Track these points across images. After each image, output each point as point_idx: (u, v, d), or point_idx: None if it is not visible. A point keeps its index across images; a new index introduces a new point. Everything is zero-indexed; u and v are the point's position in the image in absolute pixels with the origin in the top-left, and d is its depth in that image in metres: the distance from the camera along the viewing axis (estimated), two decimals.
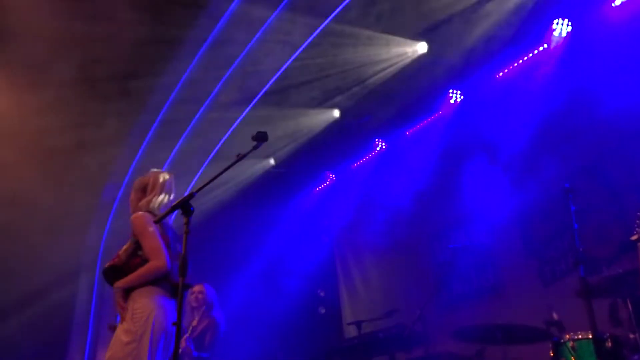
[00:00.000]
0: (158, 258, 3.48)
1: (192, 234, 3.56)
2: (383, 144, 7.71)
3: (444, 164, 6.76)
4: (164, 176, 3.85)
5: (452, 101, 6.77)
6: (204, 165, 7.29)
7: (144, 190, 3.82)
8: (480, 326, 4.90)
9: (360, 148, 7.84)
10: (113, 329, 3.71)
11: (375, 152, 7.85)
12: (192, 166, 7.36)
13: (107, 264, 3.63)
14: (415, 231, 7.08)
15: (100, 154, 6.94)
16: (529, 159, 5.79)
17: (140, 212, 3.67)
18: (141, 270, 3.49)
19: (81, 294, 7.58)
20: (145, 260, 3.52)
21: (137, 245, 3.59)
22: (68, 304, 7.48)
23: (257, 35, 5.86)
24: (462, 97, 6.74)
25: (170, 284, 3.54)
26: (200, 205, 3.52)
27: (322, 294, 8.21)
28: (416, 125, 7.35)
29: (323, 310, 8.05)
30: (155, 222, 3.38)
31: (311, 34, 5.79)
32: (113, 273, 3.56)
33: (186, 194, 3.20)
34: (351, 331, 7.19)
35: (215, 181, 3.40)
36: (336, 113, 7.17)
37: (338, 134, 7.44)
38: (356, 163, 8.15)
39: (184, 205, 3.11)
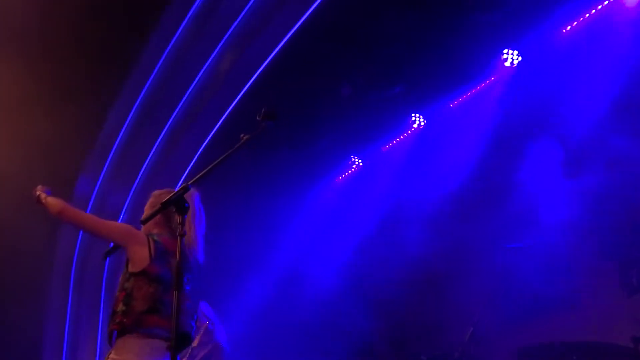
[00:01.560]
0: None
1: None
2: (421, 119, 7.64)
3: (497, 144, 6.70)
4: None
5: (507, 64, 6.68)
6: (201, 148, 7.30)
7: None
8: (549, 345, 4.89)
9: (393, 126, 7.78)
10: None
11: (411, 131, 7.77)
12: (186, 150, 7.37)
13: None
14: (462, 229, 7.01)
15: (71, 139, 6.99)
16: (605, 137, 5.69)
17: None
18: None
19: (54, 304, 7.67)
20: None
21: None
22: (38, 317, 7.56)
23: None
24: (519, 58, 6.64)
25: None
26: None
27: (348, 306, 8.19)
28: (462, 96, 7.26)
29: (348, 326, 8.02)
30: (142, 222, 3.38)
31: None
32: None
33: (178, 186, 3.17)
34: (388, 354, 7.19)
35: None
36: (360, 83, 7.09)
37: (365, 109, 7.38)
38: (387, 145, 8.08)
39: (178, 202, 3.08)
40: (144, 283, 3.50)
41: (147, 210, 3.90)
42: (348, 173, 8.60)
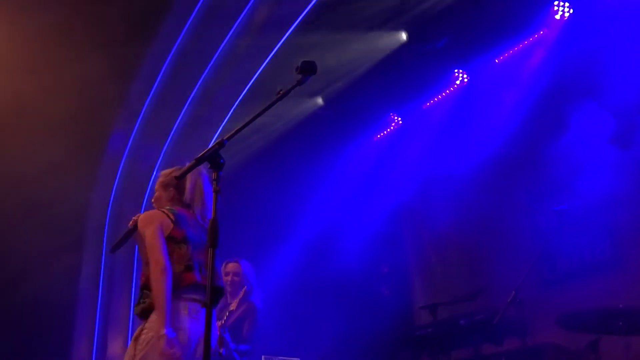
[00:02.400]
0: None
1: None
2: (464, 76, 7.51)
3: (545, 101, 6.56)
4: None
5: (557, 16, 6.51)
6: (235, 104, 7.29)
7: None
8: (594, 311, 4.85)
9: (434, 82, 7.66)
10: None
11: (453, 88, 7.65)
12: (220, 106, 7.37)
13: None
14: (508, 189, 6.92)
15: (104, 93, 7.04)
16: None
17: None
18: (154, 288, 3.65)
19: (87, 265, 7.82)
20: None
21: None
22: (71, 277, 7.72)
23: None
24: (570, 10, 6.45)
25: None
26: (230, 158, 3.51)
27: (385, 270, 8.21)
28: (508, 51, 7.10)
29: (387, 292, 8.05)
30: (177, 178, 3.42)
31: None
32: None
33: (213, 142, 3.17)
34: (423, 317, 7.20)
35: (250, 126, 3.37)
36: (403, 36, 7.00)
37: (405, 65, 7.27)
38: (428, 102, 7.98)
39: (213, 157, 3.09)
40: (174, 247, 3.73)
41: (158, 191, 4.10)
42: (387, 131, 8.53)
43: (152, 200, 4.13)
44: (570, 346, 5.47)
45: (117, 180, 8.20)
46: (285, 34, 6.62)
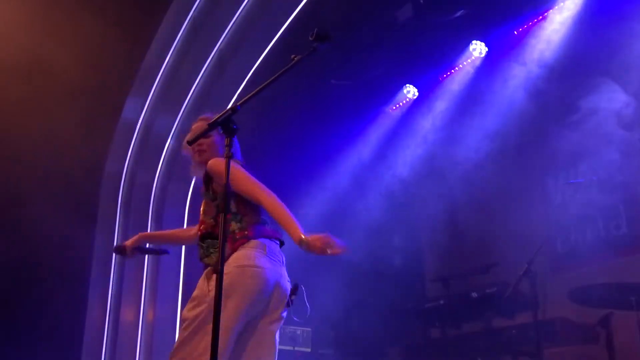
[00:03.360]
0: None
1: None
2: (483, 47, 7.46)
3: (565, 70, 6.53)
4: None
5: None
6: (252, 70, 7.27)
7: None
8: (607, 286, 4.88)
9: (451, 53, 7.62)
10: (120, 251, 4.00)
11: (472, 59, 7.61)
12: (234, 74, 7.37)
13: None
14: (523, 160, 6.91)
15: (118, 61, 7.06)
16: None
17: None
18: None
19: (100, 234, 7.89)
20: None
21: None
22: (84, 246, 7.80)
23: None
24: None
25: None
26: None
27: (397, 240, 8.23)
28: (528, 23, 7.05)
29: (398, 262, 8.08)
30: (189, 142, 3.41)
31: None
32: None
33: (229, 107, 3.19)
34: (435, 290, 7.25)
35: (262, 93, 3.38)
36: (418, 5, 6.94)
37: (420, 34, 7.21)
38: (446, 73, 7.94)
39: (226, 122, 3.11)
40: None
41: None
42: (403, 102, 8.51)
43: (200, 154, 3.80)
44: (582, 320, 5.50)
45: (131, 149, 8.22)
46: (299, 5, 6.58)
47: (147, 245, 4.18)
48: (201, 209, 3.77)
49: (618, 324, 5.17)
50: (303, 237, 3.30)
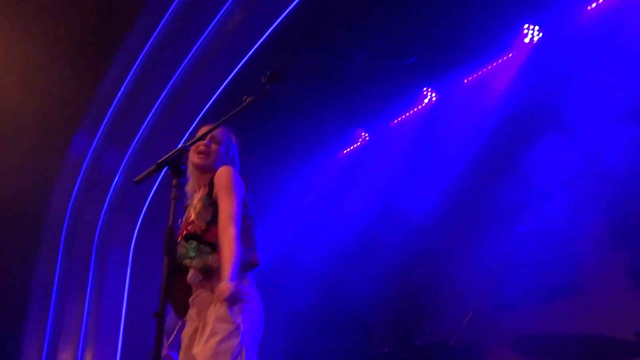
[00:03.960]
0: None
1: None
2: (433, 94, 7.60)
3: (512, 122, 6.66)
4: None
5: (526, 40, 6.63)
6: (204, 109, 7.26)
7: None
8: (548, 336, 4.91)
9: (403, 99, 7.73)
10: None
11: (422, 105, 7.73)
12: (186, 114, 7.36)
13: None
14: (470, 209, 7.01)
15: (67, 91, 6.99)
16: (626, 119, 5.67)
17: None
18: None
19: (40, 272, 7.70)
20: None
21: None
22: (23, 284, 7.60)
23: None
24: (540, 34, 6.59)
25: None
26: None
27: (347, 286, 8.21)
28: (478, 71, 7.21)
29: (345, 306, 8.05)
30: (136, 182, 3.34)
31: None
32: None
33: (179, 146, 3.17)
34: (380, 337, 7.23)
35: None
36: (372, 51, 7.02)
37: (374, 80, 7.32)
38: (396, 119, 8.04)
39: (174, 162, 3.08)
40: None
41: (218, 146, 3.78)
42: (353, 147, 8.57)
43: (207, 156, 3.69)
44: None
45: (77, 184, 8.09)
46: (254, 45, 6.63)
47: None
48: (192, 209, 3.63)
49: None
50: (224, 283, 3.24)
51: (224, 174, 3.55)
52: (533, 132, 6.40)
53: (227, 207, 3.46)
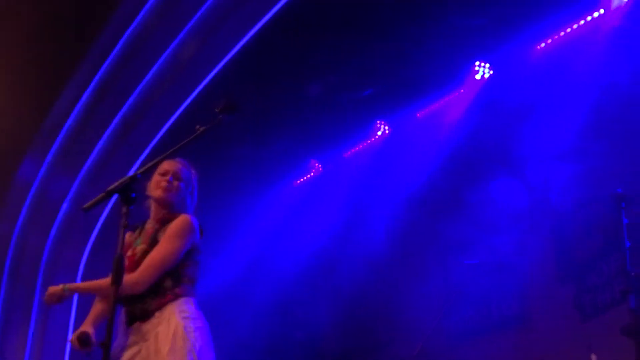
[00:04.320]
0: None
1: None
2: (386, 127, 7.69)
3: (462, 156, 6.79)
4: None
5: (477, 77, 6.77)
6: (156, 139, 7.22)
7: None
8: None
9: (356, 132, 7.82)
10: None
11: (375, 138, 7.82)
12: (138, 142, 7.29)
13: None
14: (421, 241, 7.09)
15: (16, 116, 6.88)
16: (569, 156, 5.82)
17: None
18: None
19: None
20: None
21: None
22: None
23: None
24: (490, 72, 6.74)
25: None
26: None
27: (300, 315, 8.18)
28: (431, 105, 7.33)
29: (299, 335, 8.01)
30: (84, 209, 3.29)
31: None
32: None
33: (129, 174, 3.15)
34: None
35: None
36: (327, 85, 7.08)
37: (328, 112, 7.40)
38: (350, 151, 8.12)
39: (124, 190, 3.05)
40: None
41: (179, 183, 3.79)
42: (307, 177, 8.60)
43: (169, 191, 3.71)
44: None
45: (23, 211, 7.93)
46: (208, 75, 6.64)
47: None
48: (143, 238, 3.67)
49: None
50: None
51: (178, 224, 3.62)
52: (482, 167, 6.52)
53: (158, 253, 3.55)
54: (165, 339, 3.37)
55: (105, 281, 3.76)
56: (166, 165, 3.68)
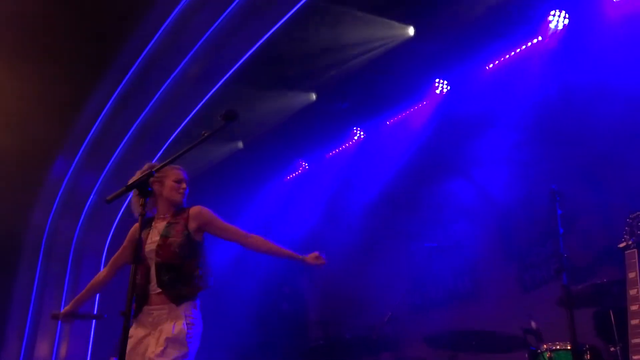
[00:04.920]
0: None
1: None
2: (362, 133, 7.68)
3: (425, 157, 6.77)
4: None
5: (437, 91, 6.77)
6: (168, 141, 7.18)
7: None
8: (453, 332, 4.94)
9: (337, 136, 7.80)
10: (55, 317, 3.71)
11: (352, 142, 7.81)
12: (155, 142, 7.24)
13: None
14: (390, 228, 7.08)
15: (50, 123, 6.80)
16: (515, 159, 5.83)
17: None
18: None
19: (22, 277, 7.40)
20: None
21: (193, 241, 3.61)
22: (6, 287, 7.30)
23: (229, 9, 5.81)
24: (448, 87, 6.74)
25: None
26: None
27: (287, 290, 8.16)
28: (398, 115, 7.33)
29: (287, 307, 8.00)
30: (108, 200, 3.25)
31: (289, 10, 5.73)
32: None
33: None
34: (316, 332, 7.20)
35: (177, 162, 3.35)
36: (313, 97, 7.12)
37: (314, 120, 7.39)
38: (331, 152, 8.10)
39: (141, 185, 3.02)
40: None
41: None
42: (295, 174, 8.58)
43: (185, 196, 3.83)
44: None
45: (56, 202, 7.85)
46: (214, 87, 6.60)
47: (80, 311, 3.90)
48: (157, 232, 3.62)
49: None
50: None
51: (205, 213, 3.74)
52: (439, 168, 6.53)
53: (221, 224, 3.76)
54: (167, 338, 3.32)
55: (94, 280, 3.90)
56: (181, 174, 3.81)
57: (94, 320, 7.39)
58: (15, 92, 6.44)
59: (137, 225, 3.55)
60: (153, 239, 3.62)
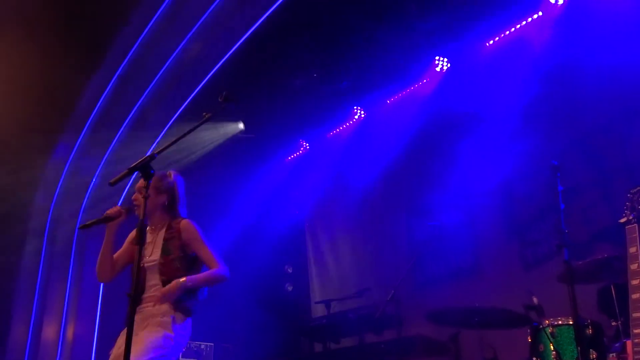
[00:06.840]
0: (222, 266, 3.72)
1: None
2: (362, 112, 7.66)
3: (426, 136, 6.75)
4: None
5: (437, 69, 6.73)
6: (170, 122, 7.17)
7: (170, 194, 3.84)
8: (455, 309, 4.99)
9: (337, 116, 7.77)
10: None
11: (353, 121, 7.79)
12: (156, 123, 7.24)
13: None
14: (392, 207, 7.09)
15: (51, 109, 6.79)
16: (516, 135, 5.82)
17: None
18: (210, 275, 3.67)
19: (27, 259, 7.44)
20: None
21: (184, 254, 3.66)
22: (12, 270, 7.34)
23: None
24: (448, 65, 6.70)
25: None
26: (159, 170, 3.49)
27: (289, 270, 8.21)
28: (398, 94, 7.29)
29: (290, 288, 8.05)
30: (111, 183, 3.25)
31: None
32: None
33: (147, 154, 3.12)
34: (319, 310, 7.25)
35: (178, 144, 3.35)
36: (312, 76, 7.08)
37: (314, 100, 7.36)
38: (332, 132, 8.08)
39: (144, 168, 3.04)
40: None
41: (150, 193, 3.58)
42: (297, 154, 8.58)
43: (138, 198, 3.67)
44: (436, 337, 5.63)
45: (59, 185, 7.86)
46: (212, 69, 6.57)
47: None
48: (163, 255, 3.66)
49: (464, 340, 5.33)
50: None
51: (190, 228, 3.75)
52: (442, 145, 6.51)
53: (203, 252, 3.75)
54: (145, 341, 3.36)
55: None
56: (138, 184, 3.68)
57: (99, 302, 7.46)
58: (13, 78, 6.42)
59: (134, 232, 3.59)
60: (153, 255, 3.69)
